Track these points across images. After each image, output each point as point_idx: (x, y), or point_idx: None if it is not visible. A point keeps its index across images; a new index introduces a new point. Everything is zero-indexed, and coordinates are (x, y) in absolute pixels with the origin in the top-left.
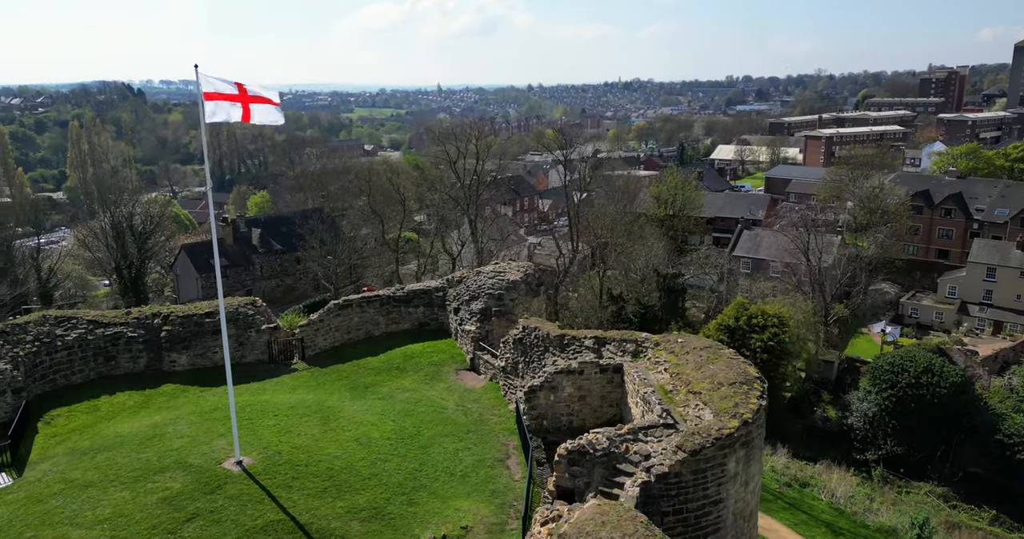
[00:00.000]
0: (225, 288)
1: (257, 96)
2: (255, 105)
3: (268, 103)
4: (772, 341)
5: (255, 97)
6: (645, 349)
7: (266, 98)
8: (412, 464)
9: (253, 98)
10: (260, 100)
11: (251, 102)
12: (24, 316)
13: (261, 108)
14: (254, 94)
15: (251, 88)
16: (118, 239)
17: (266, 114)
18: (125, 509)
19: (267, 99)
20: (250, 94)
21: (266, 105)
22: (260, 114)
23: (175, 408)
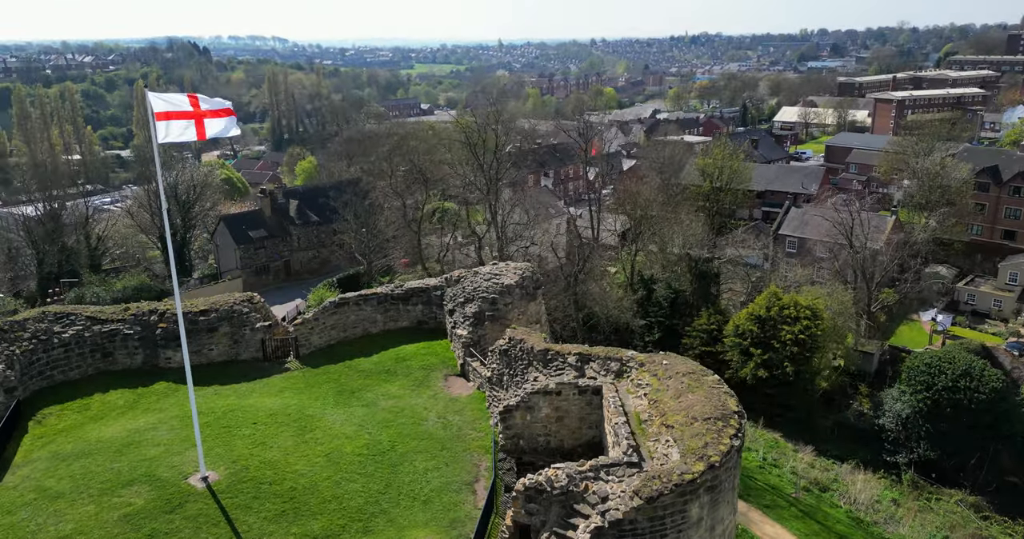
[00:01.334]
0: (264, 259)
1: (211, 110)
2: (209, 120)
3: (222, 115)
4: (803, 334)
5: (209, 111)
6: (629, 369)
7: (220, 111)
8: (377, 485)
9: (207, 112)
10: (214, 113)
11: (205, 117)
12: (25, 312)
13: (215, 122)
14: (208, 109)
15: (204, 102)
16: None
17: (221, 127)
18: (86, 526)
19: (220, 111)
20: (203, 109)
21: (220, 118)
22: (214, 128)
23: (161, 410)
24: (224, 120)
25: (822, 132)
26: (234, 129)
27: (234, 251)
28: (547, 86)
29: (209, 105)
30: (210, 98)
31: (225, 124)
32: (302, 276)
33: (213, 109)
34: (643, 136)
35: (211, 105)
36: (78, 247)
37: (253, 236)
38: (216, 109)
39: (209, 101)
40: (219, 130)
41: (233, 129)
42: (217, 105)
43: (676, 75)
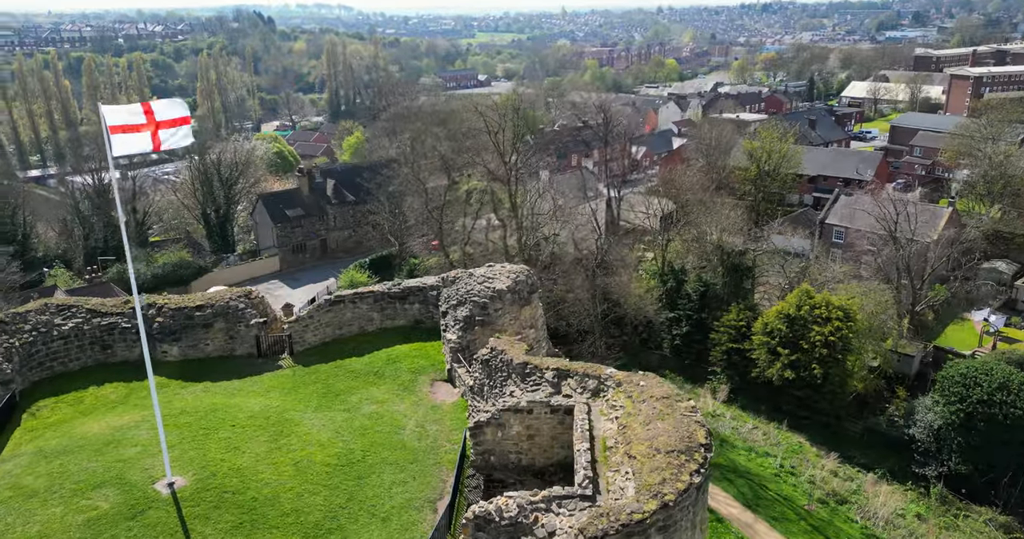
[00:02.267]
0: (300, 237)
1: (166, 120)
2: (164, 130)
3: (177, 124)
4: (834, 336)
5: (164, 121)
6: (607, 388)
7: (175, 119)
8: (340, 498)
9: (162, 123)
10: (170, 123)
11: (160, 127)
12: (28, 304)
13: (169, 132)
14: (163, 118)
15: (159, 111)
16: (205, 184)
17: (176, 138)
18: (51, 528)
19: (176, 120)
20: (158, 119)
21: (175, 128)
22: (169, 139)
23: (148, 407)
24: (179, 129)
25: (892, 109)
26: (188, 138)
27: (271, 229)
28: (607, 57)
29: (164, 114)
30: (168, 101)
31: (180, 134)
32: (338, 255)
33: (168, 119)
34: (699, 112)
35: (166, 114)
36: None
37: (290, 215)
38: (171, 119)
39: (164, 109)
40: (174, 141)
41: (187, 138)
42: (172, 113)
43: (744, 45)
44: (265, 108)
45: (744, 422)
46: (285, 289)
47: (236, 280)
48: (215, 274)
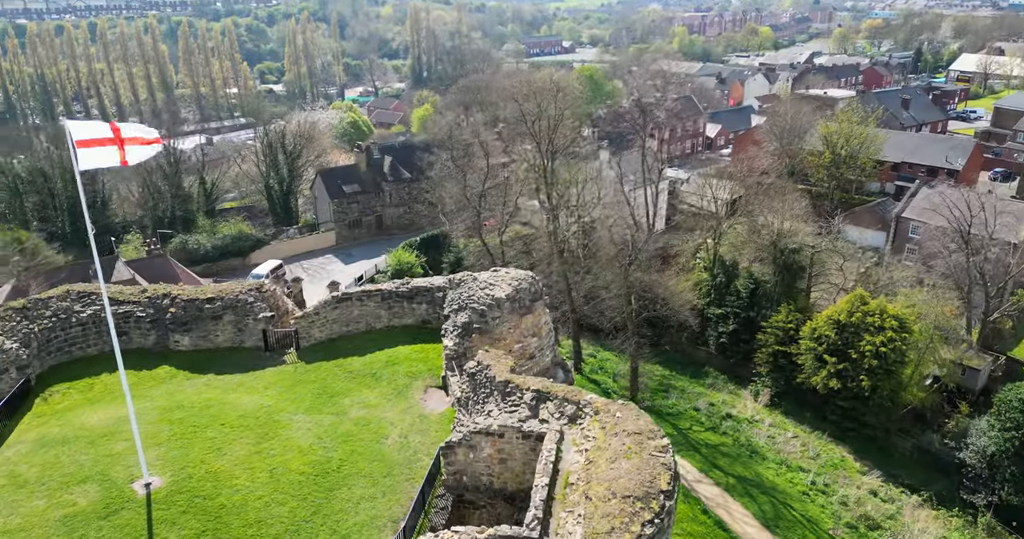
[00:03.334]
0: (356, 213)
1: (132, 137)
2: (130, 146)
3: (143, 143)
4: (886, 347)
5: (131, 138)
6: (584, 416)
7: (141, 138)
8: (305, 511)
9: (128, 140)
10: (135, 141)
11: (126, 143)
12: (50, 291)
13: (136, 149)
14: (129, 136)
15: (125, 130)
16: (270, 155)
17: (144, 154)
18: (30, 522)
19: (142, 139)
20: (124, 136)
21: (143, 146)
22: (136, 155)
23: (150, 398)
24: (148, 148)
25: (1005, 86)
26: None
27: (328, 204)
28: (698, 23)
29: (131, 133)
30: (137, 125)
31: (148, 151)
32: (392, 232)
33: (135, 137)
34: (787, 86)
35: (134, 133)
36: (192, 192)
37: (347, 191)
38: (139, 137)
39: (131, 129)
40: (141, 157)
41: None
42: (142, 133)
43: (850, 11)
44: (349, 74)
45: (783, 430)
46: (338, 264)
47: (293, 253)
48: (273, 247)
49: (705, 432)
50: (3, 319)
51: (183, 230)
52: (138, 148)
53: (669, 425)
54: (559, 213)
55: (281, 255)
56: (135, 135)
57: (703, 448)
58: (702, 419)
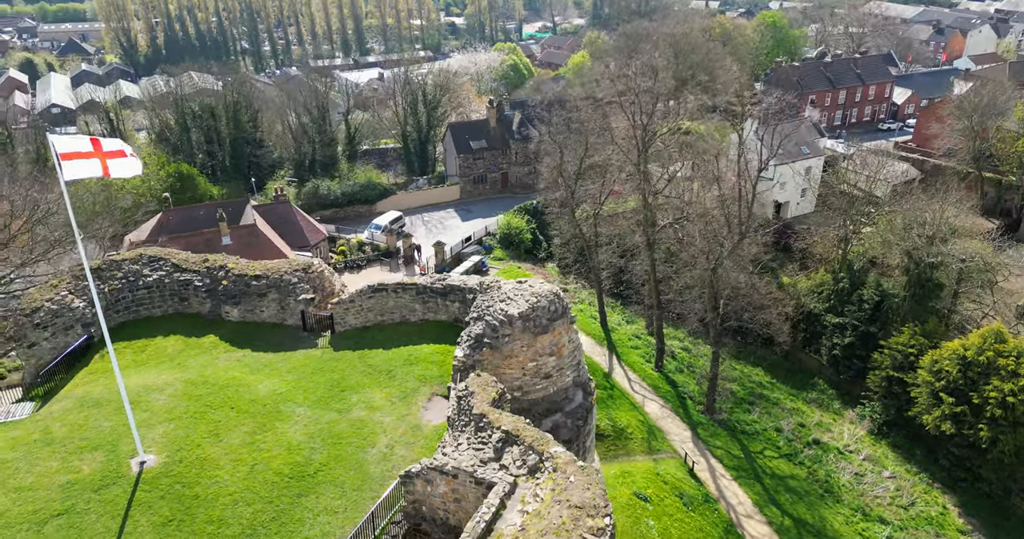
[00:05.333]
0: (481, 169)
1: (112, 151)
2: (111, 160)
3: (123, 156)
4: (1017, 397)
5: (111, 152)
6: (544, 469)
7: (120, 152)
8: (267, 515)
9: (109, 153)
10: (116, 154)
11: (108, 157)
12: (124, 253)
13: (117, 162)
14: (109, 150)
15: (105, 144)
16: (411, 103)
17: (125, 167)
18: (38, 483)
19: (122, 152)
20: (105, 150)
21: (122, 158)
22: (117, 168)
23: (186, 368)
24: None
25: None
26: (138, 169)
27: (455, 160)
28: None
29: (111, 147)
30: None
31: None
32: (516, 191)
33: (115, 150)
34: (1013, 43)
35: (112, 147)
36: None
37: (474, 146)
38: (119, 151)
39: (111, 144)
40: (123, 170)
41: (137, 169)
42: (121, 147)
43: None
44: (529, 8)
45: (880, 467)
46: (456, 220)
47: (416, 205)
48: (399, 197)
49: (777, 459)
50: (77, 278)
51: (323, 173)
52: (120, 161)
53: (738, 445)
54: (648, 199)
55: (405, 206)
56: (116, 149)
57: (767, 478)
58: (780, 443)
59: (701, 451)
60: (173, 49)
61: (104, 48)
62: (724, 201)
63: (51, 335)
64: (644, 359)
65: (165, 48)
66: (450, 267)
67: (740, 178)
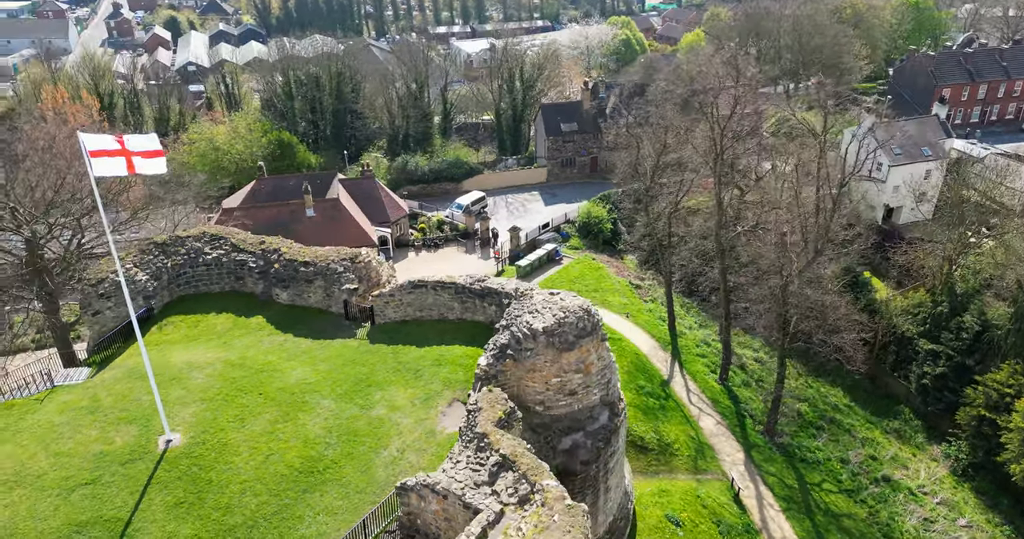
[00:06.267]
0: (570, 152)
1: (137, 150)
2: (137, 158)
3: (151, 156)
4: None
5: (136, 151)
6: (533, 502)
7: (149, 152)
8: (270, 508)
9: (134, 152)
10: (145, 154)
11: (132, 156)
12: (190, 230)
13: (141, 160)
14: (134, 149)
15: (130, 143)
16: (508, 80)
17: (149, 165)
18: (76, 450)
19: (150, 152)
20: (128, 149)
21: (149, 158)
22: (142, 166)
23: (229, 347)
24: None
25: None
26: (162, 168)
27: (544, 141)
28: None
29: (135, 145)
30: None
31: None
32: (605, 176)
33: (140, 150)
34: None
35: (138, 145)
36: (434, 110)
37: (564, 129)
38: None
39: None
40: (148, 168)
41: (161, 168)
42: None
43: None
44: None
45: (958, 513)
46: (539, 203)
47: (501, 185)
48: (484, 176)
49: (836, 494)
50: (143, 252)
51: (416, 148)
52: (144, 160)
53: (794, 473)
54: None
55: (490, 186)
56: (140, 149)
57: (820, 514)
58: (843, 476)
59: (752, 475)
60: (303, 12)
61: (240, 9)
62: (802, 212)
63: (113, 305)
64: (709, 369)
65: (296, 11)
66: (524, 253)
67: (819, 190)
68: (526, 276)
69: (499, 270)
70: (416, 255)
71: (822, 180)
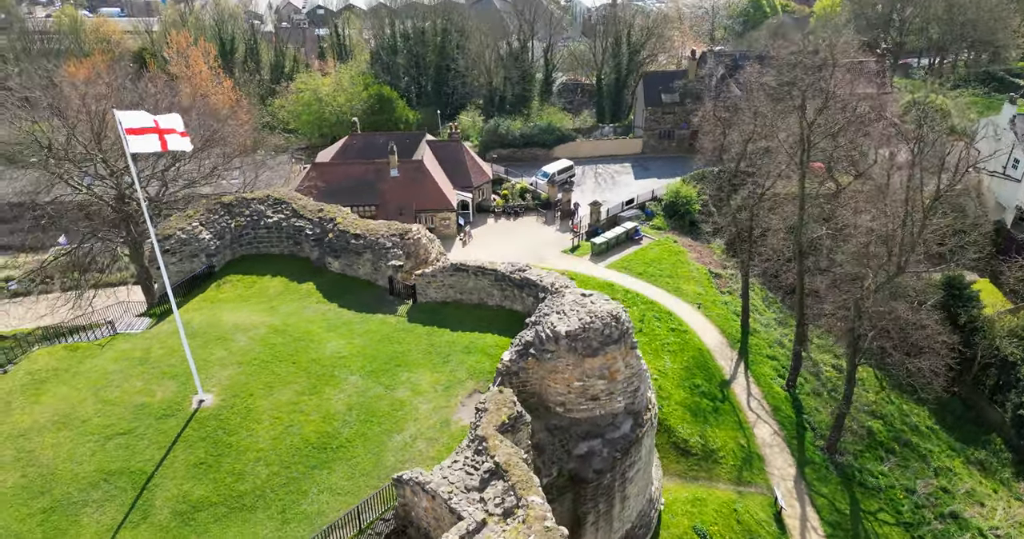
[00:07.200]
0: (669, 124)
1: (168, 128)
2: (168, 135)
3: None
4: None
5: (167, 129)
6: (517, 517)
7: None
8: (279, 479)
9: (166, 130)
10: (172, 131)
11: (165, 133)
12: (254, 192)
13: (172, 138)
14: (166, 127)
15: (162, 121)
16: (615, 44)
17: (179, 143)
18: (120, 399)
19: (178, 131)
20: (162, 127)
21: (176, 135)
22: (173, 143)
23: (276, 312)
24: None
25: None
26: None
27: (643, 112)
28: None
29: (167, 124)
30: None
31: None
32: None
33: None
34: None
35: (168, 124)
36: (535, 71)
37: (665, 100)
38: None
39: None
40: (176, 145)
41: (187, 145)
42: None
43: None
44: None
45: None
46: (629, 176)
47: (593, 154)
48: (576, 144)
49: (891, 526)
50: (210, 212)
51: (512, 110)
52: (176, 138)
53: (848, 498)
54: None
55: (582, 154)
56: (171, 127)
57: None
58: (904, 507)
59: (800, 494)
60: None
61: None
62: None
63: (178, 260)
64: (776, 373)
65: None
66: (603, 229)
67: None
68: (601, 254)
69: (574, 245)
70: (495, 222)
71: (913, 189)
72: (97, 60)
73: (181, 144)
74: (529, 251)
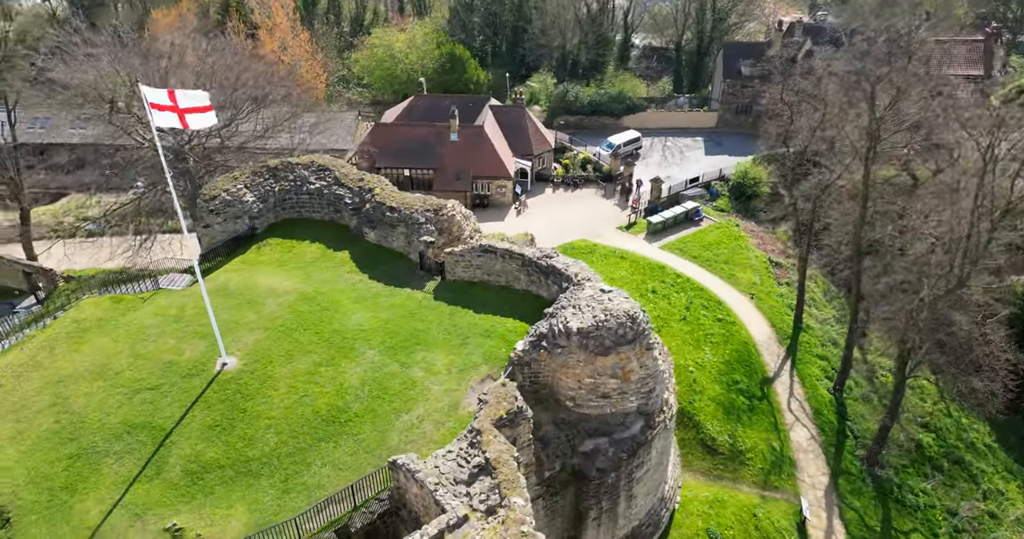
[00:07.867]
0: (746, 98)
1: (188, 107)
2: (189, 114)
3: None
4: None
5: (187, 108)
6: (498, 516)
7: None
8: (285, 448)
9: (186, 109)
10: (192, 110)
11: (184, 113)
12: (300, 157)
13: (194, 116)
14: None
15: (180, 99)
16: (699, 9)
17: (201, 120)
18: (152, 355)
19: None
20: (180, 105)
21: (198, 113)
22: (194, 121)
23: (309, 279)
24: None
25: None
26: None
27: (720, 83)
28: None
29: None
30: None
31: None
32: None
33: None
34: None
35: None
36: (612, 36)
37: (744, 72)
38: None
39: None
40: (199, 123)
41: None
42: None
43: None
44: None
45: None
46: (699, 152)
47: (663, 125)
48: (647, 114)
49: None
50: (255, 175)
51: (585, 75)
52: (197, 116)
53: (881, 514)
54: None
55: (652, 124)
56: (190, 105)
57: None
58: (941, 529)
59: (829, 506)
60: None
61: None
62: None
63: (223, 220)
64: (824, 374)
65: None
66: (664, 207)
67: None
68: (657, 233)
69: (631, 222)
70: (552, 192)
71: (984, 194)
72: (183, 7)
73: (204, 121)
74: (583, 225)
